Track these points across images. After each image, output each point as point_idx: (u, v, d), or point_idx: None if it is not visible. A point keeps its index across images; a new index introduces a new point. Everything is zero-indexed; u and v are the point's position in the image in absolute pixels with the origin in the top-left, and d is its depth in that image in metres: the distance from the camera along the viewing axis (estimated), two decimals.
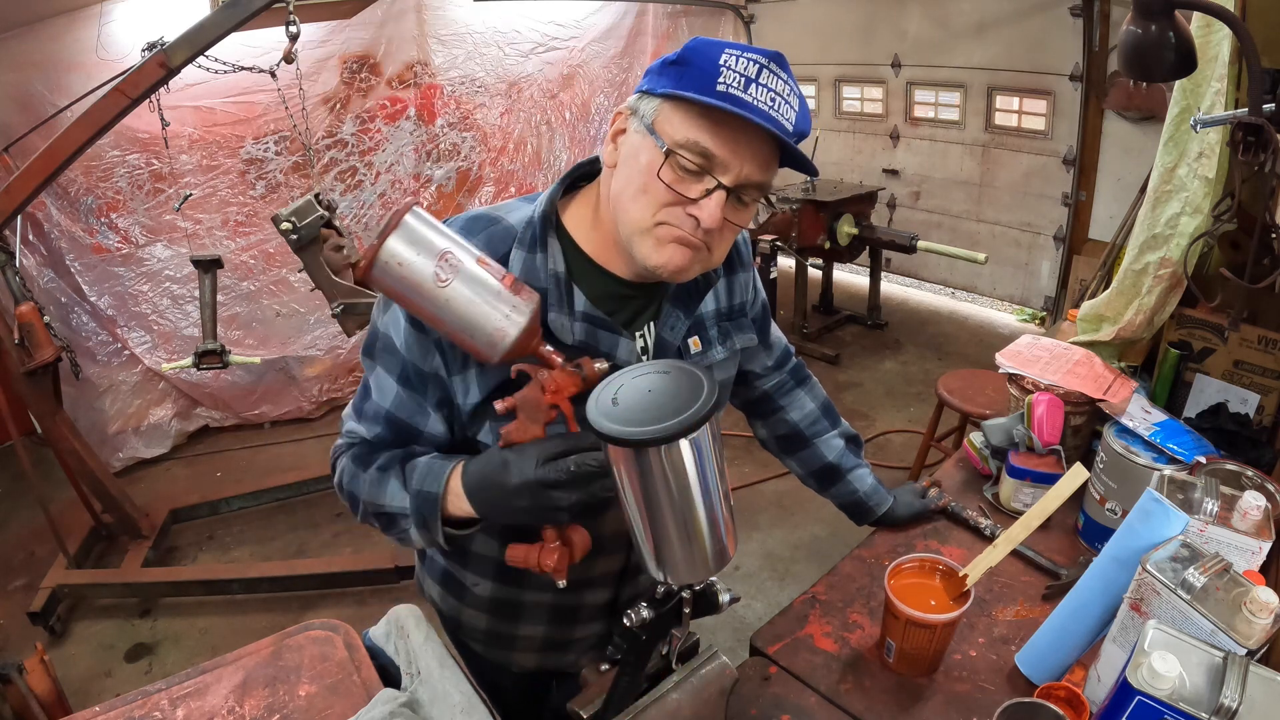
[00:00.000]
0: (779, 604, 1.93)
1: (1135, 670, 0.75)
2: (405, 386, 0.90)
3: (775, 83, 0.77)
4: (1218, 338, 1.49)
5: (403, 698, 1.05)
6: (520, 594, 1.08)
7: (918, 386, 4.11)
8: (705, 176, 0.79)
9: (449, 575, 1.14)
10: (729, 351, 1.05)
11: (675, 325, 0.96)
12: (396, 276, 0.73)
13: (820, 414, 1.28)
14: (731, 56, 0.76)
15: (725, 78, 0.76)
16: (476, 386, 0.88)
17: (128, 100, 2.28)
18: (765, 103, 0.76)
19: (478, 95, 4.24)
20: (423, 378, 0.88)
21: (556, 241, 0.89)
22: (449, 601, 1.17)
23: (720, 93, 0.75)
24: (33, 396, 2.66)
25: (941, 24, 4.58)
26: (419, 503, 0.86)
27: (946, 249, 4.20)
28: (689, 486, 0.70)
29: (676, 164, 0.78)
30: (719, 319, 1.04)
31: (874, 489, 1.30)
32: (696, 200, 0.79)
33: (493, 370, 0.86)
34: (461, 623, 1.18)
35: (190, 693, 1.09)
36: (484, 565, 1.07)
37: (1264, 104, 1.08)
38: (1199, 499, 1.01)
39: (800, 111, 0.80)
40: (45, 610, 2.55)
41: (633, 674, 0.88)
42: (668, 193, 0.79)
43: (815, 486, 1.33)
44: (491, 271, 0.76)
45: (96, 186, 3.30)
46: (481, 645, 1.20)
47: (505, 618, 1.13)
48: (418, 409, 0.91)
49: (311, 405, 4.02)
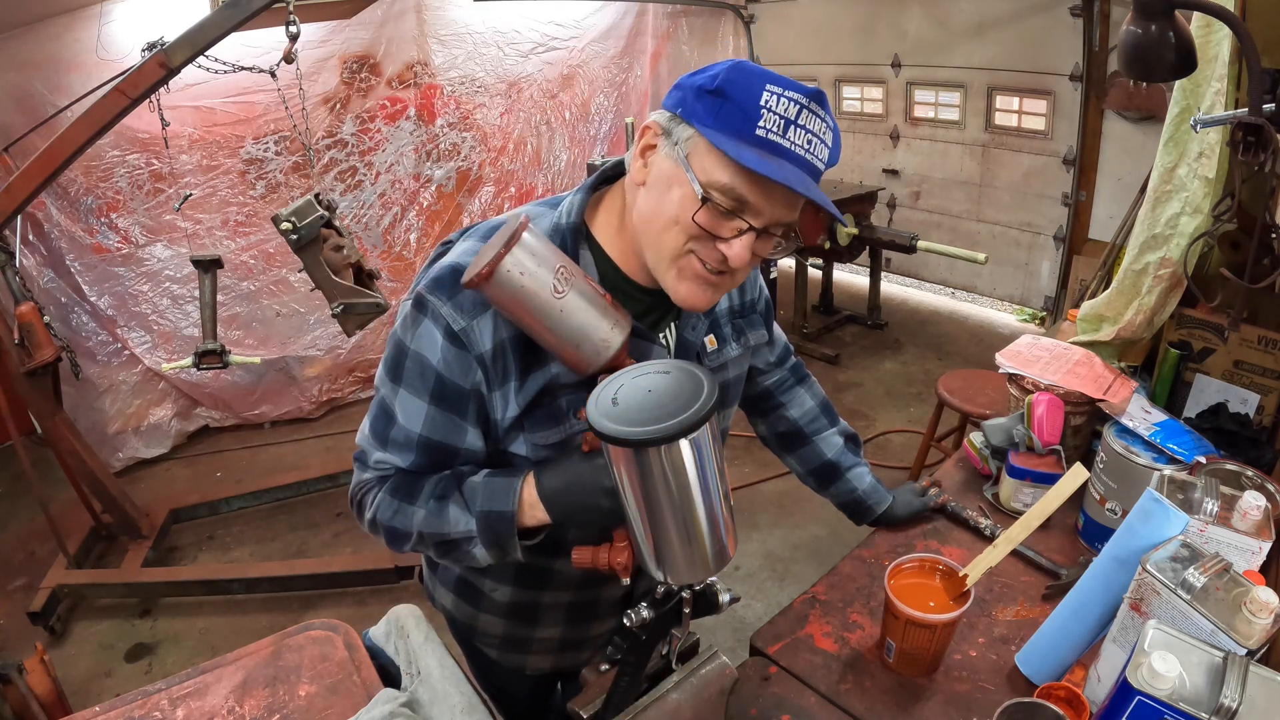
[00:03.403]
0: (779, 604, 1.93)
1: (1135, 670, 0.75)
2: (439, 405, 0.87)
3: (814, 123, 0.77)
4: (1218, 338, 1.49)
5: (403, 698, 1.05)
6: (539, 596, 1.08)
7: (918, 386, 4.11)
8: (736, 218, 0.79)
9: (465, 583, 1.12)
10: (743, 348, 1.07)
11: (696, 325, 0.98)
12: (517, 286, 0.75)
13: (819, 412, 1.28)
14: (773, 97, 0.75)
15: (766, 121, 0.75)
16: (515, 401, 0.87)
17: (128, 100, 2.28)
18: (802, 146, 0.77)
19: (478, 95, 4.24)
20: (461, 395, 0.86)
21: (589, 253, 0.90)
22: (464, 609, 1.15)
23: (759, 138, 0.75)
24: (33, 396, 2.66)
25: (941, 24, 4.58)
26: (490, 522, 0.85)
27: (946, 249, 4.20)
28: (689, 486, 0.70)
29: (710, 206, 0.78)
30: (732, 316, 1.05)
31: (873, 488, 1.30)
32: (727, 239, 0.80)
33: (531, 384, 0.87)
34: (476, 629, 1.17)
35: (190, 693, 1.09)
36: (503, 571, 1.06)
37: (1264, 104, 1.08)
38: (1199, 499, 1.01)
39: (834, 147, 0.81)
40: (45, 610, 2.55)
41: (633, 674, 0.88)
42: (701, 231, 0.79)
43: (814, 485, 1.33)
44: (595, 288, 0.80)
45: (96, 186, 3.30)
46: (496, 650, 1.19)
47: (523, 621, 1.12)
48: (453, 428, 0.88)
49: (311, 405, 4.02)
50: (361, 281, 2.74)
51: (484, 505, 0.85)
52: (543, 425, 0.89)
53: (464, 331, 0.83)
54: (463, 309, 0.83)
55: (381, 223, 4.08)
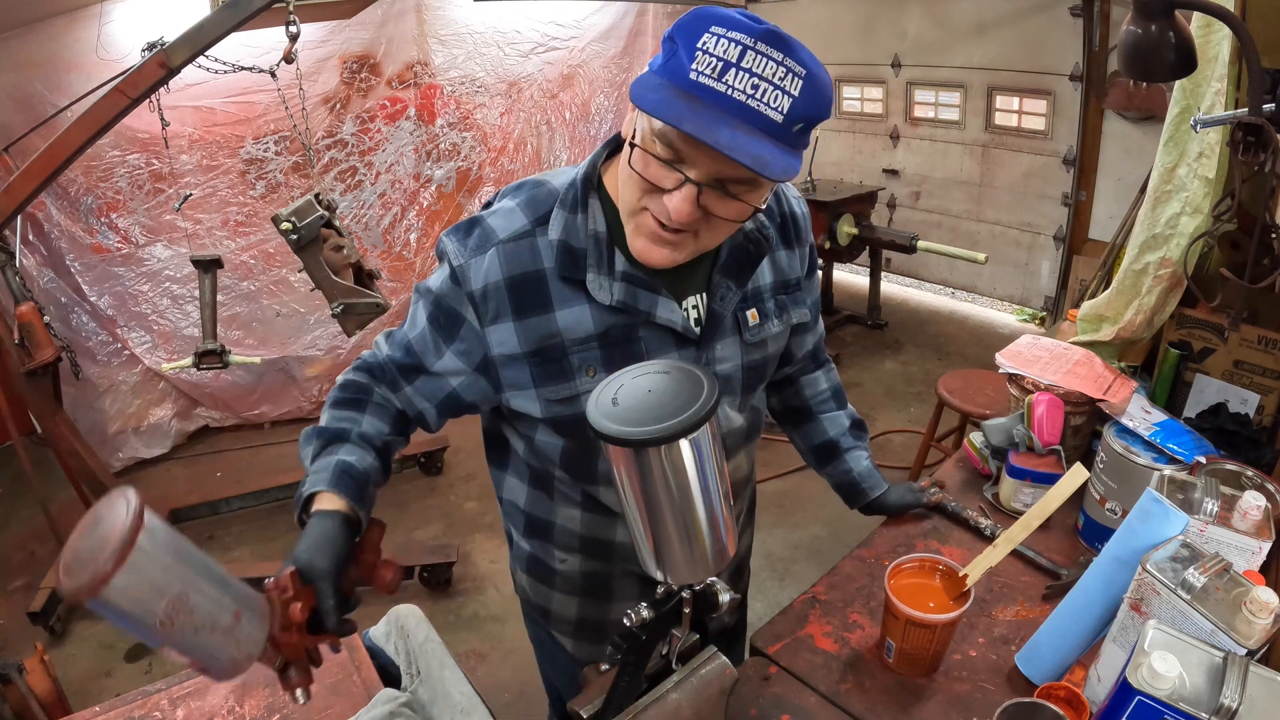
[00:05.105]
0: (779, 604, 1.93)
1: (1135, 670, 0.75)
2: (432, 325, 0.93)
3: (764, 65, 0.70)
4: (1218, 338, 1.49)
5: (403, 698, 1.05)
6: (609, 567, 1.08)
7: (918, 386, 4.11)
8: (675, 170, 0.76)
9: (535, 559, 1.13)
10: (784, 324, 1.04)
11: (726, 296, 0.95)
12: (119, 612, 0.55)
13: (831, 395, 1.28)
14: (713, 38, 0.70)
15: (699, 64, 0.70)
16: (517, 341, 0.90)
17: (128, 100, 2.28)
18: (744, 91, 0.70)
19: (478, 95, 4.24)
20: (455, 317, 0.91)
21: (598, 202, 0.90)
22: (539, 589, 1.16)
23: (691, 83, 0.71)
24: (33, 396, 2.66)
25: (941, 24, 4.58)
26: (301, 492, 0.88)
27: (946, 249, 4.20)
28: (689, 486, 0.70)
29: (647, 153, 0.76)
30: (775, 291, 1.02)
31: (869, 472, 1.30)
32: (669, 191, 0.77)
33: (533, 326, 0.89)
34: (551, 613, 1.17)
35: (190, 693, 1.09)
36: (569, 538, 1.07)
37: (1264, 104, 1.08)
38: (1199, 499, 1.01)
39: (804, 96, 0.72)
40: (45, 610, 2.55)
41: (633, 674, 0.88)
42: (644, 181, 0.78)
43: (813, 463, 1.33)
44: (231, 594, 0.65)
45: (96, 186, 3.30)
46: (571, 639, 1.18)
47: (596, 598, 1.12)
48: (431, 348, 0.93)
49: (311, 405, 4.01)
50: (361, 281, 2.74)
51: (306, 482, 0.87)
52: (553, 379, 0.91)
53: (460, 269, 0.89)
54: (465, 248, 0.89)
55: (381, 223, 4.08)
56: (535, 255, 0.89)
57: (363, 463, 0.89)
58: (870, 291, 4.84)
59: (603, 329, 0.90)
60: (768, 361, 1.05)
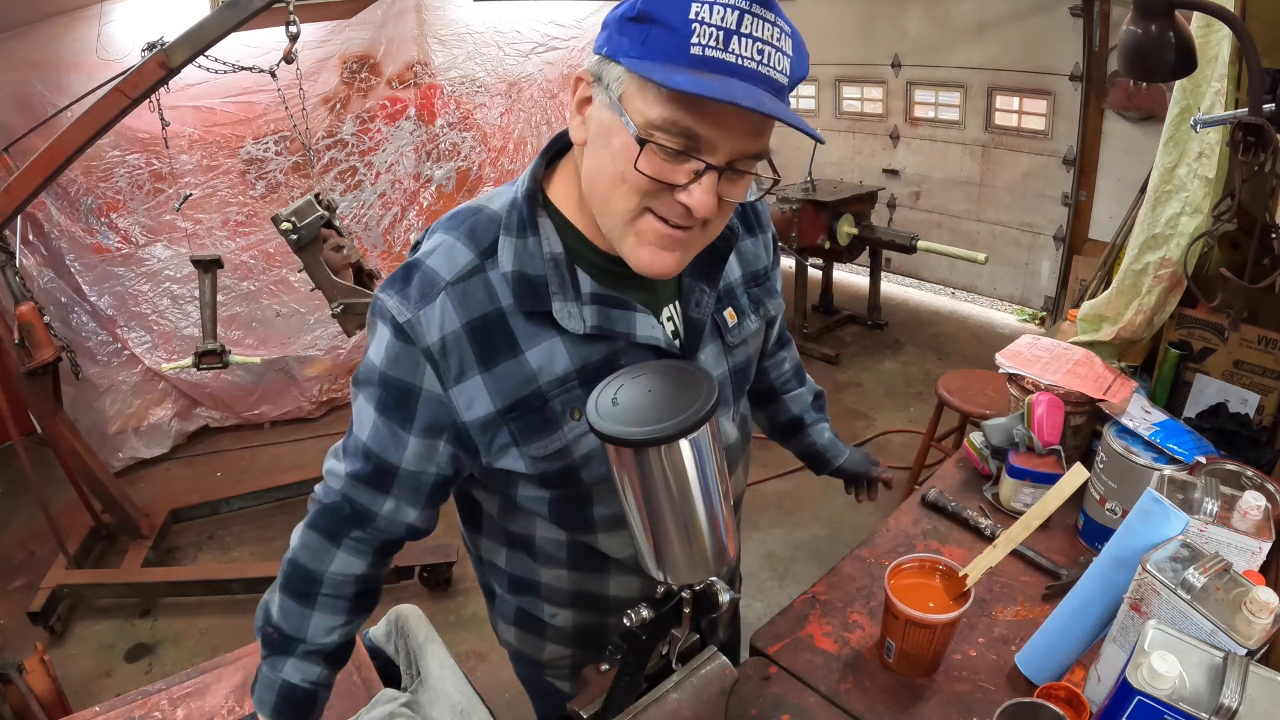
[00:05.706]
0: (779, 604, 1.93)
1: (1135, 670, 0.75)
2: (382, 413, 0.81)
3: (762, 28, 0.65)
4: (1218, 338, 1.49)
5: (403, 698, 1.05)
6: (604, 619, 1.01)
7: (918, 386, 4.11)
8: (689, 158, 0.68)
9: (524, 613, 1.04)
10: (761, 319, 0.98)
11: (701, 301, 0.88)
12: None
13: (793, 373, 1.28)
14: (704, 7, 0.63)
15: (700, 35, 0.63)
16: (488, 397, 0.79)
17: (128, 100, 2.28)
18: (752, 58, 0.65)
19: (478, 95, 4.24)
20: (407, 395, 0.79)
21: (548, 220, 0.80)
22: (530, 641, 1.07)
23: (696, 57, 0.63)
24: (33, 396, 2.66)
25: (941, 24, 4.58)
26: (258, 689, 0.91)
27: (946, 249, 4.20)
28: (689, 486, 0.70)
29: (655, 149, 0.67)
30: (747, 285, 0.96)
31: (831, 442, 1.34)
32: (685, 185, 0.69)
33: (505, 375, 0.78)
34: (544, 662, 1.09)
35: (190, 693, 1.09)
36: (558, 595, 1.00)
37: (1264, 104, 1.08)
38: (1199, 499, 1.01)
39: (795, 55, 0.69)
40: (45, 610, 2.55)
41: (633, 674, 0.88)
42: (650, 182, 0.69)
43: (779, 438, 1.35)
44: None
45: (96, 186, 3.30)
46: (569, 682, 1.11)
47: (591, 648, 1.05)
48: (391, 439, 0.81)
49: (311, 405, 4.02)
50: (361, 281, 2.74)
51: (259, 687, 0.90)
52: (538, 434, 0.81)
53: (409, 324, 0.76)
54: (409, 300, 0.77)
55: (381, 223, 4.08)
56: (490, 293, 0.78)
57: (308, 677, 0.90)
58: (870, 291, 4.84)
59: (580, 364, 0.81)
60: (750, 362, 1.00)
